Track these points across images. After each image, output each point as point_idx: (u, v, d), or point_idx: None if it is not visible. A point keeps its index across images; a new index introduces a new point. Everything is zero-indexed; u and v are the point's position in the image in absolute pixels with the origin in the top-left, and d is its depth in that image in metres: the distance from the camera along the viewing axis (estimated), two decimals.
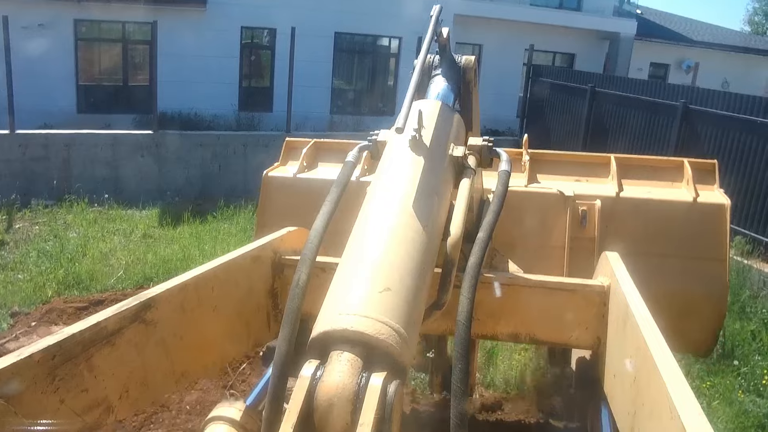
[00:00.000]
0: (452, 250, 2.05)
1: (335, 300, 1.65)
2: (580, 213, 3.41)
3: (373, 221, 1.92)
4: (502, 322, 2.63)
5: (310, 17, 17.32)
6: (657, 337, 1.82)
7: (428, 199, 2.00)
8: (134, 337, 2.00)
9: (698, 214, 3.41)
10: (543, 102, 16.45)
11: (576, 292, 2.55)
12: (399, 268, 1.73)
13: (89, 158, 13.15)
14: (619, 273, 2.43)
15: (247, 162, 14.16)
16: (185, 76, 16.82)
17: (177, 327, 2.21)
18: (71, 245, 10.12)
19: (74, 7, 16.33)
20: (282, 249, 2.83)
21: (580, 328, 2.55)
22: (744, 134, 10.12)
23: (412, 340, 1.64)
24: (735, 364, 6.93)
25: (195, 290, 2.31)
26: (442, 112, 2.42)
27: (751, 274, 9.07)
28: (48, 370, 1.70)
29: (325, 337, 1.54)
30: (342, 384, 1.42)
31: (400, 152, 2.15)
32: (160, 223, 11.61)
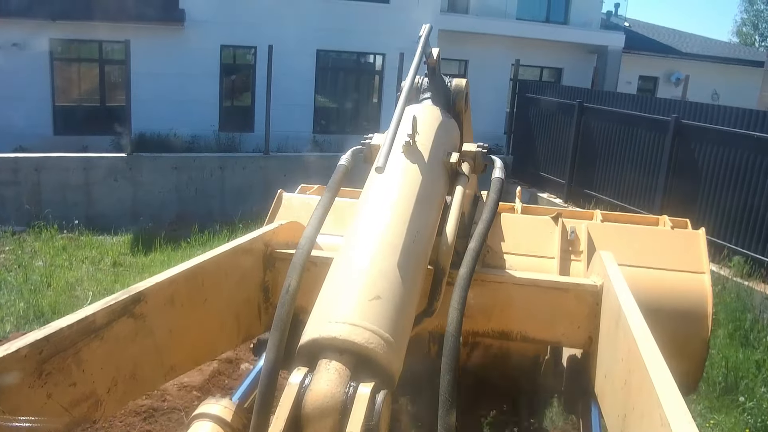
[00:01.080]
0: (443, 259, 2.06)
1: (325, 307, 1.63)
2: (569, 229, 3.53)
3: (364, 229, 1.91)
4: (494, 320, 2.61)
5: (291, 35, 16.96)
6: (649, 343, 1.79)
7: (420, 208, 1.98)
8: (123, 331, 1.97)
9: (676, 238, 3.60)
10: (530, 118, 16.06)
11: (569, 291, 2.52)
12: (389, 276, 1.72)
13: (60, 182, 12.70)
14: (612, 272, 2.40)
15: (224, 185, 13.72)
16: (164, 95, 16.40)
17: (166, 320, 2.17)
18: (36, 275, 9.66)
19: (49, 26, 15.93)
20: (274, 242, 2.81)
21: (572, 326, 2.53)
22: (740, 149, 9.71)
23: (401, 349, 1.64)
24: (740, 400, 6.43)
25: (185, 283, 2.26)
26: (435, 118, 2.41)
27: (752, 297, 8.61)
28: (35, 364, 1.67)
29: (313, 344, 1.53)
30: (330, 393, 1.41)
31: (392, 159, 2.07)
32: (132, 250, 11.12)
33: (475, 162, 2.43)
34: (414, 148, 2.16)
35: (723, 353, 7.22)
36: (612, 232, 3.60)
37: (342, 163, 2.37)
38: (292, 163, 14.43)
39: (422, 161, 2.15)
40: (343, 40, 18.37)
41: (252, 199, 13.53)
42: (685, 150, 10.81)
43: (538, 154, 15.33)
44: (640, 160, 11.87)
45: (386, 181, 2.09)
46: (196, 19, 16.91)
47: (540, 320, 2.59)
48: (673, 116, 10.94)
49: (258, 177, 13.90)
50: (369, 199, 2.06)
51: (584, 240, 3.50)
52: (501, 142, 18.29)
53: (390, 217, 1.92)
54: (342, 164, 2.37)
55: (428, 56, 2.51)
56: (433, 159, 2.22)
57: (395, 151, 2.13)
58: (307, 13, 17.60)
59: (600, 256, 2.67)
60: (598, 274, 2.61)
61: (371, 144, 2.43)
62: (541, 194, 14.48)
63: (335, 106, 20.18)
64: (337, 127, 19.48)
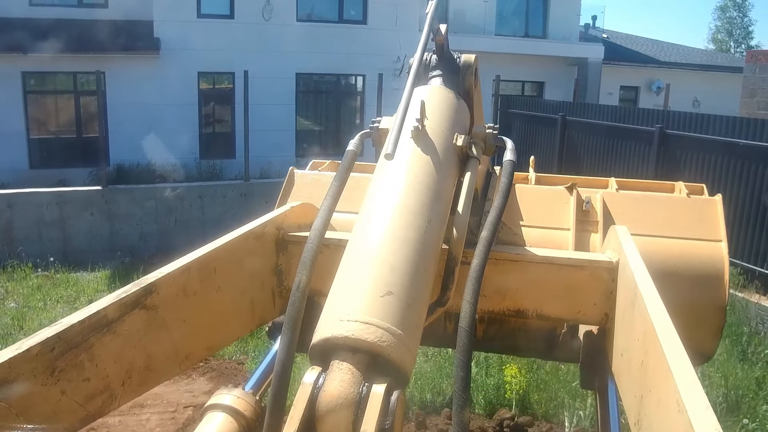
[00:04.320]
0: (455, 247, 2.03)
1: (336, 305, 1.62)
2: (584, 199, 3.41)
3: (374, 221, 1.87)
4: (508, 299, 2.55)
5: (268, 59, 16.86)
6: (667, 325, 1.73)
7: (431, 196, 1.94)
8: (135, 324, 1.92)
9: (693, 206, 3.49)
10: (513, 133, 15.89)
11: (584, 268, 2.46)
12: (401, 270, 1.70)
13: (34, 218, 12.38)
14: (628, 248, 2.34)
15: (205, 214, 13.43)
16: (142, 125, 16.16)
17: (179, 310, 2.11)
18: (7, 317, 9.37)
19: (21, 59, 15.72)
20: (286, 225, 2.72)
21: (588, 304, 2.48)
22: (726, 158, 9.55)
23: (414, 344, 1.64)
24: (744, 422, 6.17)
25: (197, 272, 2.19)
26: (444, 99, 2.34)
27: (748, 309, 8.39)
28: (47, 362, 1.64)
29: (325, 344, 1.51)
30: (343, 393, 1.40)
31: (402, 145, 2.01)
32: (109, 287, 10.79)
33: (486, 144, 2.36)
34: (423, 133, 2.10)
35: (722, 371, 6.97)
36: (627, 201, 3.49)
37: (350, 149, 2.27)
38: (274, 189, 14.10)
39: (432, 147, 2.10)
40: (323, 62, 18.24)
41: (234, 228, 13.24)
42: (670, 160, 10.65)
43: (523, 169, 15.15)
44: (626, 171, 11.69)
45: (395, 170, 2.03)
46: (171, 47, 16.72)
47: (555, 298, 2.54)
48: (657, 126, 10.79)
49: (239, 204, 13.63)
50: (378, 188, 2.02)
51: (600, 210, 3.40)
52: None
53: (400, 207, 1.88)
54: (350, 149, 2.27)
55: (436, 33, 2.42)
56: (443, 144, 2.16)
57: (404, 137, 2.06)
58: (285, 37, 17.49)
59: (615, 230, 2.61)
60: (613, 249, 2.55)
61: (379, 127, 2.32)
62: None
63: (317, 128, 20.01)
64: (320, 150, 19.25)
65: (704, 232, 3.26)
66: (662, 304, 1.86)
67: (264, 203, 13.36)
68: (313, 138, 19.77)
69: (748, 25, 54.15)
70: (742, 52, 46.84)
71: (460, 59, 2.59)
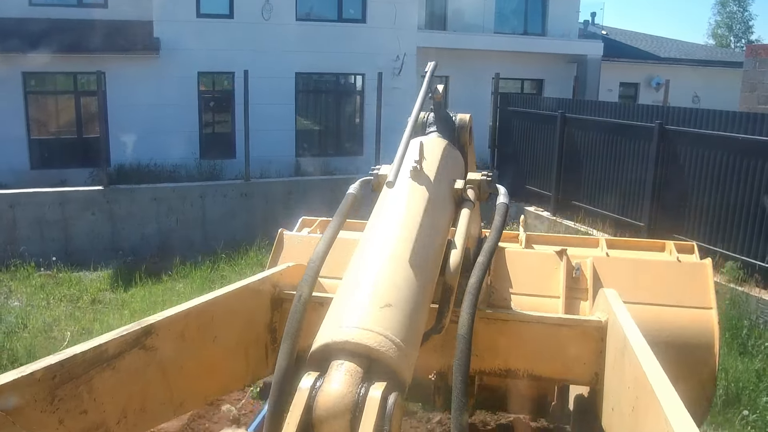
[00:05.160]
0: (451, 277, 2.09)
1: (336, 315, 1.66)
2: (574, 265, 3.50)
3: (374, 244, 1.95)
4: (500, 358, 2.63)
5: (268, 59, 16.88)
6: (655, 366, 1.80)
7: (428, 225, 2.05)
8: (134, 362, 1.99)
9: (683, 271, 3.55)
10: (513, 131, 15.90)
11: (574, 328, 2.56)
12: (399, 286, 1.76)
13: (36, 218, 12.44)
14: (617, 308, 2.43)
15: (206, 214, 13.46)
16: (142, 125, 16.18)
17: (177, 355, 2.20)
18: (11, 316, 9.39)
19: (22, 59, 15.69)
20: (281, 283, 2.85)
21: (579, 363, 2.56)
22: (726, 152, 9.54)
23: (412, 355, 1.65)
24: (744, 413, 6.20)
25: (195, 319, 2.30)
26: (441, 147, 2.50)
27: (748, 302, 8.41)
28: (48, 389, 1.69)
29: (325, 349, 1.54)
30: (342, 393, 1.41)
31: (401, 183, 2.19)
32: (111, 286, 10.87)
33: (480, 189, 2.47)
34: (421, 173, 2.23)
35: (722, 364, 7.00)
36: (617, 266, 3.57)
37: (351, 192, 2.44)
38: (274, 189, 14.21)
39: (429, 184, 2.23)
40: (322, 61, 18.24)
41: (234, 227, 13.30)
42: (671, 156, 10.65)
43: (524, 168, 15.16)
44: (627, 168, 11.71)
45: (396, 200, 2.16)
46: (171, 47, 16.73)
47: (546, 358, 2.61)
48: (657, 122, 10.79)
49: (240, 204, 13.66)
50: (379, 217, 2.13)
51: (590, 276, 3.48)
52: (485, 157, 18.17)
53: (399, 232, 1.97)
54: (351, 193, 2.43)
55: (434, 92, 2.63)
56: (439, 183, 2.29)
57: (404, 176, 2.21)
58: (284, 36, 17.49)
59: (604, 293, 2.70)
60: (602, 311, 2.62)
61: (379, 174, 2.45)
62: (528, 208, 14.29)
63: (317, 128, 20.01)
64: (320, 150, 19.30)
65: (695, 300, 3.29)
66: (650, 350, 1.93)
67: (264, 203, 13.47)
68: (313, 137, 19.77)
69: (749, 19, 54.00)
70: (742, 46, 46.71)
71: (455, 117, 2.77)
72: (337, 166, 17.57)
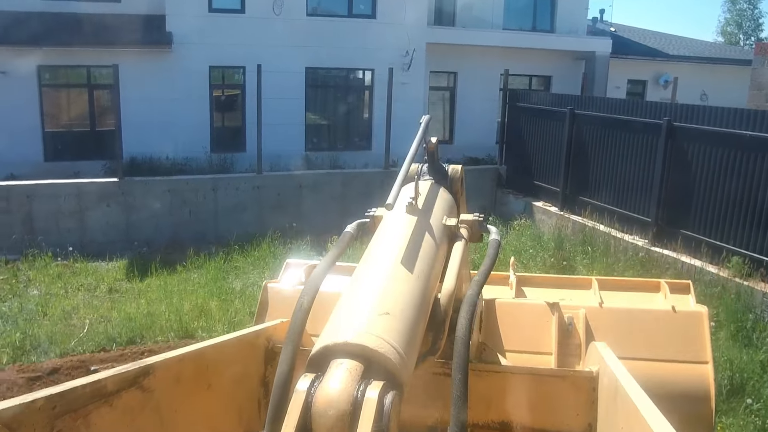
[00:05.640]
0: (446, 302, 2.12)
1: (335, 322, 1.68)
2: (566, 320, 3.42)
3: (373, 263, 2.01)
4: (492, 410, 2.66)
5: (278, 54, 17.03)
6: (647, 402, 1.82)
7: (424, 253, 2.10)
8: (131, 401, 2.03)
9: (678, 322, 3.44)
10: (522, 127, 16.05)
11: (565, 379, 2.62)
12: (398, 299, 1.80)
13: (53, 209, 12.64)
14: (608, 358, 2.47)
15: (218, 206, 13.66)
16: (154, 119, 16.37)
17: (172, 398, 2.23)
18: (31, 304, 9.63)
19: (37, 53, 15.92)
20: (275, 338, 2.89)
21: (572, 414, 2.60)
22: (733, 149, 9.69)
23: (410, 361, 1.67)
24: (748, 402, 6.38)
25: (191, 364, 2.34)
26: (435, 188, 2.61)
27: (753, 296, 8.57)
28: (48, 419, 1.72)
29: (325, 351, 1.56)
30: (340, 391, 1.42)
31: (397, 214, 2.27)
32: (127, 276, 11.07)
33: (472, 229, 2.55)
34: (416, 207, 2.30)
35: (727, 355, 7.17)
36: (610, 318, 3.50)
37: (348, 231, 2.49)
38: (285, 182, 14.41)
39: (425, 217, 2.32)
40: (332, 56, 18.39)
41: (246, 220, 13.50)
42: (678, 152, 10.80)
43: (532, 163, 15.32)
44: (634, 164, 11.86)
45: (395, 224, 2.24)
46: (183, 42, 16.92)
47: (538, 409, 2.65)
48: (665, 119, 10.94)
49: (252, 197, 13.85)
50: (379, 237, 2.21)
51: (582, 331, 3.41)
52: (493, 153, 18.32)
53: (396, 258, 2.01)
54: (348, 231, 2.48)
55: (427, 143, 2.71)
56: (434, 218, 2.37)
57: (400, 211, 2.28)
58: (294, 31, 17.67)
59: (595, 346, 2.74)
60: (594, 363, 2.67)
61: (375, 215, 2.52)
62: (536, 203, 14.46)
63: (326, 123, 20.17)
64: (329, 144, 19.48)
65: (690, 353, 3.20)
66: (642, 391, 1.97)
67: (276, 196, 13.64)
68: (322, 132, 19.95)
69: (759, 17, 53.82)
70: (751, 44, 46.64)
71: (448, 168, 2.86)
72: (346, 160, 17.74)
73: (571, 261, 11.06)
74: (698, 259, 9.92)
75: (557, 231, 12.60)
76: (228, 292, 9.76)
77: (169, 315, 8.93)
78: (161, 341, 8.36)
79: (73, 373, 7.26)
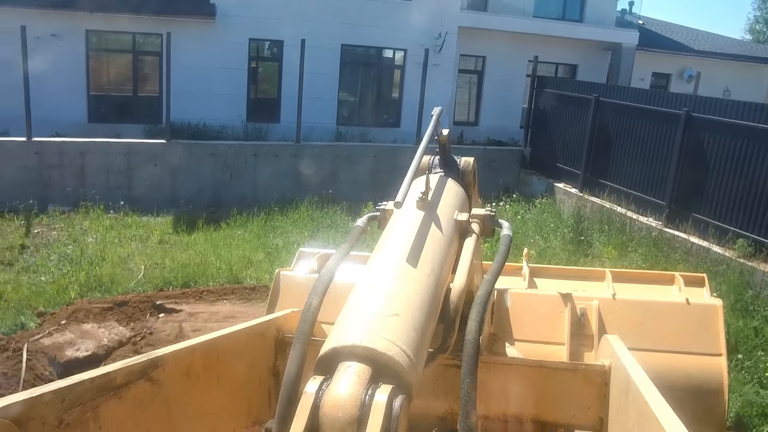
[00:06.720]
0: (456, 299, 2.12)
1: (344, 322, 1.69)
2: (578, 311, 3.46)
3: (383, 262, 2.01)
4: (503, 404, 2.66)
5: (316, 30, 17.59)
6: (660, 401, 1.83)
7: (435, 247, 2.12)
8: (140, 394, 2.03)
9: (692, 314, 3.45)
10: (547, 112, 16.72)
11: (577, 372, 2.62)
12: (407, 299, 1.80)
13: (103, 166, 13.46)
14: (620, 351, 2.48)
15: (258, 171, 14.44)
16: (193, 87, 17.01)
17: (181, 391, 2.23)
18: (90, 250, 10.38)
19: (86, 18, 16.60)
20: (285, 328, 2.89)
21: (583, 408, 2.61)
22: (746, 140, 10.36)
23: (419, 364, 1.67)
24: (739, 357, 7.16)
25: (201, 356, 2.35)
26: (445, 182, 2.59)
27: (754, 275, 9.30)
28: (56, 412, 1.71)
29: (333, 353, 1.56)
30: (348, 395, 1.42)
31: (407, 210, 2.27)
32: (175, 230, 11.86)
33: (484, 224, 2.50)
34: (428, 202, 2.29)
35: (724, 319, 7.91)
36: (623, 310, 3.51)
37: (358, 224, 2.46)
38: (321, 152, 15.23)
39: (435, 213, 2.30)
40: (367, 35, 19.00)
41: (284, 185, 14.32)
42: (694, 141, 11.48)
43: (555, 147, 16.01)
44: (652, 151, 12.54)
45: (404, 221, 2.23)
46: (226, 14, 17.59)
47: (550, 403, 2.64)
48: (684, 110, 11.60)
49: (289, 164, 14.64)
50: (388, 234, 2.20)
51: (595, 321, 3.43)
52: (517, 137, 18.99)
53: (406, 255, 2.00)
54: (358, 225, 2.46)
55: (439, 135, 2.68)
56: (444, 213, 2.36)
57: (410, 204, 2.27)
58: (331, 9, 18.28)
59: (607, 339, 2.73)
60: (606, 356, 2.66)
61: (385, 209, 2.50)
62: (557, 184, 15.19)
63: (357, 99, 20.84)
64: (360, 120, 20.14)
65: (704, 345, 3.20)
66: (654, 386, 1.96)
67: (312, 164, 14.41)
68: (353, 108, 20.62)
69: None
70: None
71: (460, 161, 2.81)
72: (375, 136, 18.43)
73: (588, 237, 11.81)
74: (706, 240, 10.66)
75: (576, 210, 13.35)
76: (272, 247, 10.57)
77: (220, 264, 9.78)
78: (214, 285, 9.21)
79: (141, 306, 8.15)
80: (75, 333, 6.73)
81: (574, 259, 10.58)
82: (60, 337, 6.60)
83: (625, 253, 10.75)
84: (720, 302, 3.41)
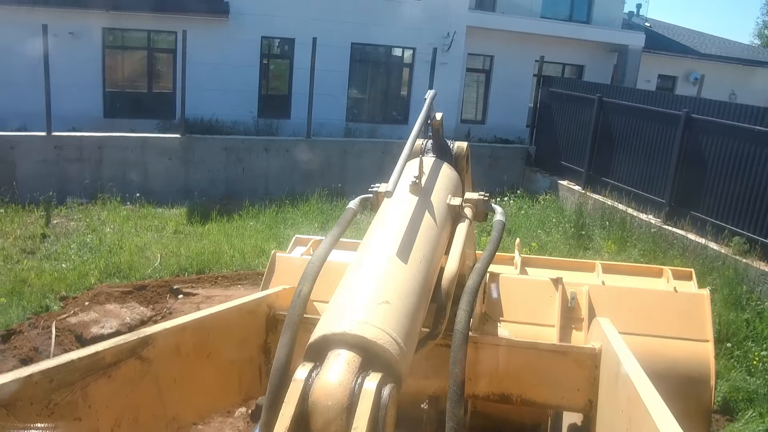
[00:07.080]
0: (448, 284, 2.12)
1: (334, 309, 1.69)
2: (569, 295, 3.50)
3: (374, 249, 2.01)
4: (494, 383, 2.66)
5: (327, 28, 17.90)
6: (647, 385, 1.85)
7: (426, 234, 2.12)
8: (129, 372, 2.02)
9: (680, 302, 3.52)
10: (553, 111, 17.04)
11: (568, 354, 2.61)
12: (397, 287, 1.81)
13: (120, 160, 13.84)
14: (611, 335, 2.48)
15: (269, 165, 14.83)
16: (206, 83, 17.43)
17: (171, 368, 2.23)
18: (108, 239, 10.79)
19: (103, 16, 17.04)
20: (277, 305, 2.89)
21: (572, 390, 2.60)
22: (743, 142, 10.67)
23: (409, 351, 1.67)
24: (728, 346, 7.51)
25: (191, 334, 2.34)
26: (439, 166, 2.60)
27: (748, 272, 9.62)
28: (45, 393, 1.71)
29: (323, 340, 1.57)
30: (337, 383, 1.43)
31: (400, 195, 2.27)
32: (189, 221, 12.26)
33: (477, 209, 2.49)
34: (420, 187, 2.28)
35: (716, 311, 8.26)
36: (613, 295, 3.55)
37: (351, 207, 2.49)
38: (331, 147, 15.62)
39: (428, 197, 2.30)
40: (377, 34, 19.34)
41: (294, 180, 14.70)
42: (693, 141, 11.79)
43: (559, 145, 16.35)
44: (653, 150, 12.87)
45: (395, 208, 2.22)
46: (239, 12, 17.99)
47: (540, 384, 2.63)
48: (684, 111, 11.92)
49: (299, 159, 15.02)
50: (379, 222, 2.19)
51: (585, 306, 3.46)
52: (523, 135, 19.31)
53: (398, 240, 2.00)
54: (351, 207, 2.48)
55: (432, 119, 2.66)
56: (437, 198, 2.35)
57: (403, 189, 2.26)
58: (342, 8, 18.65)
59: (598, 322, 2.74)
60: (597, 339, 2.66)
61: (378, 191, 2.49)
62: (561, 181, 15.53)
63: (367, 96, 21.20)
64: (368, 116, 20.49)
65: (691, 331, 3.24)
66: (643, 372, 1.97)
67: (322, 159, 14.80)
68: (363, 106, 20.97)
69: None
70: None
71: (453, 145, 2.80)
72: (384, 132, 18.77)
73: (588, 232, 12.16)
74: (703, 237, 10.99)
75: (578, 207, 13.70)
76: (283, 238, 10.95)
77: (233, 253, 10.17)
78: (228, 271, 9.61)
79: (159, 290, 8.55)
80: (99, 313, 7.14)
81: (574, 252, 10.93)
82: (85, 316, 7.01)
83: (624, 248, 11.10)
84: (707, 292, 3.48)
